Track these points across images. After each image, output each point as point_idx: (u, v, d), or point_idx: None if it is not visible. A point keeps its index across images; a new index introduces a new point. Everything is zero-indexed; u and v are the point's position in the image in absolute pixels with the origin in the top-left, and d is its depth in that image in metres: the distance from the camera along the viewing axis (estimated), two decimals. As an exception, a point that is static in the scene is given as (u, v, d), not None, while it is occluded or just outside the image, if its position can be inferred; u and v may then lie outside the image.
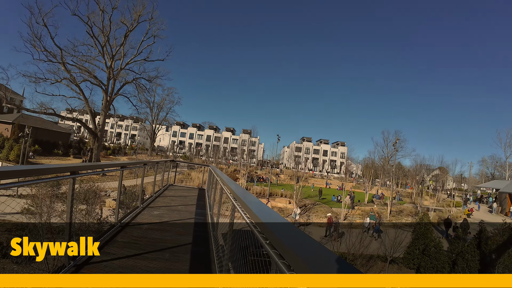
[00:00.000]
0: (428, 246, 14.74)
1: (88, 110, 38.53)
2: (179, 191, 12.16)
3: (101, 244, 4.51)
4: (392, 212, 31.60)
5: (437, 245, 14.37)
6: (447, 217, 25.02)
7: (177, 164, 16.12)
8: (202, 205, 9.38)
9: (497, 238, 15.89)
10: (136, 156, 45.51)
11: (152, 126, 57.90)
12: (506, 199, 40.18)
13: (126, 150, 57.93)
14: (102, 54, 38.07)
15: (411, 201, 44.04)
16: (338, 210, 29.43)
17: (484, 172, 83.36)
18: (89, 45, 37.70)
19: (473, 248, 14.14)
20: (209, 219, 7.09)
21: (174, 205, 8.68)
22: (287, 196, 32.53)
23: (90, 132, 39.30)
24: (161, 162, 11.69)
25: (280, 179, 51.21)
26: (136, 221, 6.09)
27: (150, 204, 8.09)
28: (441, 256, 13.89)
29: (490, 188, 60.19)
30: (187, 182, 34.76)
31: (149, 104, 53.70)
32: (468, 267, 13.92)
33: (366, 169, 79.19)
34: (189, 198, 10.56)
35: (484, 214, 38.60)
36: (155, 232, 5.46)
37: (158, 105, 57.22)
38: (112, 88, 39.59)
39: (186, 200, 9.90)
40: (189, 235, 5.62)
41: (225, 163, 53.57)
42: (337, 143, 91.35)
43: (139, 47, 40.22)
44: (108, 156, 48.86)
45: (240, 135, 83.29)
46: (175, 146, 77.23)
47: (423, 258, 14.53)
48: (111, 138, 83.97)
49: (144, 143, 76.36)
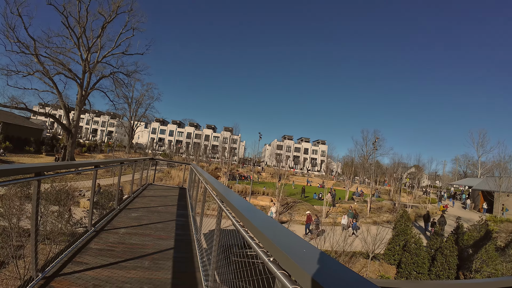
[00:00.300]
0: (408, 242, 14.98)
1: (61, 105, 36.68)
2: (159, 190, 11.60)
3: (73, 252, 4.08)
4: (371, 209, 32.15)
5: (417, 241, 14.61)
6: (426, 213, 25.69)
7: (157, 162, 15.41)
8: (184, 205, 8.96)
9: (474, 234, 16.40)
10: (113, 154, 43.89)
11: (130, 123, 56.05)
12: (479, 196, 41.97)
13: (102, 147, 55.90)
14: (77, 46, 36.35)
15: (389, 198, 45.20)
16: (319, 208, 29.64)
17: (457, 170, 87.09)
18: (64, 36, 35.91)
19: (451, 243, 14.47)
20: (192, 221, 6.72)
21: (153, 206, 8.18)
22: (269, 194, 32.42)
23: (63, 128, 37.46)
24: (140, 160, 11.11)
25: (261, 177, 51.14)
26: (112, 225, 5.61)
27: (128, 206, 7.58)
28: (421, 252, 14.13)
29: (462, 185, 62.84)
30: (167, 181, 33.92)
31: (127, 99, 52.01)
32: (447, 262, 14.24)
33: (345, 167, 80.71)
34: (169, 198, 10.05)
35: (458, 210, 40.16)
36: (134, 237, 5.04)
37: (136, 100, 55.62)
38: (88, 82, 37.96)
39: (166, 201, 9.40)
40: (170, 239, 5.23)
41: (206, 161, 52.78)
42: (317, 142, 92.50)
43: (117, 40, 38.82)
44: (83, 154, 46.98)
45: (221, 133, 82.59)
46: (155, 143, 75.40)
47: (404, 254, 14.74)
48: (86, 135, 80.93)
49: (122, 140, 74.09)
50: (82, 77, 37.33)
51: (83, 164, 4.78)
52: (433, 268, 14.35)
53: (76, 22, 35.51)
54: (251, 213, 1.82)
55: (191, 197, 9.85)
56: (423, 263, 14.02)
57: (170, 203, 9.10)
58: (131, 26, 38.84)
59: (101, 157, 45.93)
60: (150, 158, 13.48)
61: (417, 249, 14.10)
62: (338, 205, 31.64)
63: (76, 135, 39.82)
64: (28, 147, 39.51)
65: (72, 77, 36.57)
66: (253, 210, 1.93)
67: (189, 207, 8.56)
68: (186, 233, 5.75)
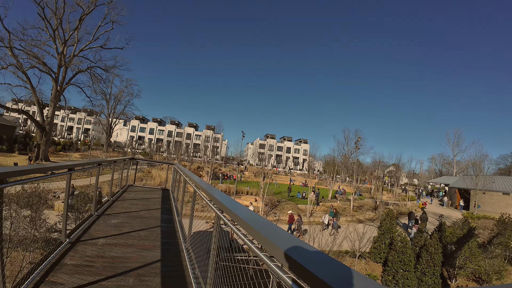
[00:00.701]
0: (395, 241, 15.03)
1: (35, 101, 34.79)
2: (140, 192, 10.90)
3: (46, 269, 3.51)
4: (354, 207, 32.44)
5: (403, 239, 14.66)
6: (410, 211, 26.15)
7: (137, 162, 14.56)
8: (168, 209, 8.39)
9: (457, 231, 16.72)
10: (90, 153, 42.10)
11: (108, 120, 53.99)
12: (456, 194, 43.43)
13: (78, 145, 53.53)
14: (53, 38, 34.55)
15: (370, 196, 45.93)
16: (304, 207, 29.57)
17: (433, 169, 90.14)
18: (40, 28, 34.23)
19: (436, 241, 14.63)
20: (178, 227, 6.21)
21: (135, 210, 7.50)
22: (253, 194, 32.04)
23: (37, 125, 35.53)
24: (119, 160, 10.42)
25: (244, 176, 50.67)
26: (90, 234, 5.02)
27: (107, 211, 6.93)
28: (407, 250, 14.18)
29: (439, 183, 64.97)
30: (148, 181, 32.80)
31: (105, 95, 50.09)
32: (432, 260, 14.38)
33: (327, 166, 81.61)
34: (152, 201, 9.41)
35: (436, 207, 41.36)
36: (114, 249, 4.48)
37: (115, 97, 53.60)
38: (63, 76, 36.23)
39: (149, 204, 8.74)
40: (156, 249, 4.71)
41: (189, 160, 51.72)
42: (300, 141, 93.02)
43: (96, 33, 37.28)
44: (58, 153, 44.82)
45: (203, 131, 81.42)
46: (134, 141, 73.17)
47: (391, 253, 14.76)
48: (61, 133, 77.48)
49: (99, 138, 71.49)
50: (58, 71, 35.59)
51: (54, 167, 4.18)
52: (419, 265, 14.46)
53: (53, 14, 33.81)
54: (263, 227, 1.55)
55: (175, 200, 9.31)
56: (409, 260, 14.08)
57: (153, 206, 8.49)
58: (111, 19, 37.42)
59: (77, 156, 43.97)
60: (130, 158, 12.68)
61: (403, 247, 14.15)
62: (322, 204, 31.70)
63: (51, 132, 37.94)
64: (0, 145, 37.20)
65: (46, 71, 34.78)
66: (261, 222, 1.70)
67: (174, 211, 8.01)
68: (173, 241, 5.24)
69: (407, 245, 14.33)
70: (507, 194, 37.88)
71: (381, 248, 16.15)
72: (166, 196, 10.76)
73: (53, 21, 34.23)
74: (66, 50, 35.99)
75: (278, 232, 1.45)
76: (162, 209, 8.22)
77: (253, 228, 1.52)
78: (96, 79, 40.79)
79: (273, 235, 1.38)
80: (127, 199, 9.03)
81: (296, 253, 1.11)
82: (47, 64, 34.63)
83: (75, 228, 5.16)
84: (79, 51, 37.17)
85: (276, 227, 1.54)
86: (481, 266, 15.16)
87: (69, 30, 35.72)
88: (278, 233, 1.42)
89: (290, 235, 1.41)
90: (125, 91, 54.04)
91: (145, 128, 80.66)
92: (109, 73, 41.57)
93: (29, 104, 59.70)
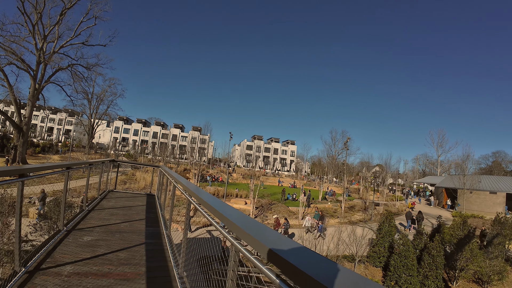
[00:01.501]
0: (396, 244, 14.31)
1: (12, 99, 32.74)
2: (122, 199, 9.65)
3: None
4: (344, 208, 31.88)
5: (405, 242, 13.94)
6: (408, 211, 25.70)
7: (119, 164, 13.21)
8: (154, 219, 7.26)
9: (457, 232, 16.22)
10: (70, 155, 40.03)
11: (90, 121, 51.60)
12: (443, 193, 43.72)
13: (58, 147, 51.00)
14: (32, 34, 32.60)
15: (359, 197, 45.65)
16: (295, 209, 28.77)
17: (417, 169, 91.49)
18: (19, 23, 32.29)
19: (437, 243, 14.03)
20: (167, 244, 5.12)
21: (114, 222, 6.39)
22: (243, 196, 30.97)
23: (14, 125, 33.42)
24: (97, 163, 9.20)
25: (232, 178, 49.54)
26: (54, 259, 3.86)
27: (80, 224, 5.76)
28: (410, 253, 13.48)
29: (423, 183, 65.73)
30: (131, 184, 31.17)
31: (87, 95, 47.82)
32: (434, 263, 13.76)
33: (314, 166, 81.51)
34: (135, 209, 8.21)
35: (424, 207, 41.47)
36: (85, 281, 3.36)
37: (98, 96, 51.34)
38: (42, 74, 34.25)
39: (131, 213, 7.62)
40: (140, 278, 3.62)
41: (175, 162, 50.11)
42: (287, 142, 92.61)
43: (77, 29, 35.32)
44: (37, 155, 42.64)
45: (189, 132, 79.62)
46: (118, 143, 70.55)
47: (392, 256, 14.01)
48: (41, 134, 74.01)
49: (81, 140, 68.62)
50: (36, 69, 33.61)
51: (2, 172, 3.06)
52: (421, 269, 13.82)
53: (33, 8, 31.92)
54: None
55: (162, 207, 8.17)
56: (412, 264, 13.39)
57: (136, 216, 7.32)
58: (94, 14, 35.63)
59: (57, 159, 41.90)
60: (110, 160, 11.29)
61: (406, 251, 13.43)
62: (313, 206, 30.94)
63: (28, 133, 35.82)
64: (-24, 148, 34.89)
65: (25, 69, 32.80)
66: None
67: (161, 222, 6.88)
68: (163, 265, 4.16)
69: (410, 249, 13.65)
70: (494, 193, 38.34)
71: (381, 252, 15.44)
72: (151, 203, 9.60)
73: (33, 16, 32.41)
74: (46, 46, 34.12)
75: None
76: (147, 219, 7.08)
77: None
78: (78, 77, 38.91)
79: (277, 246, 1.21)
80: (105, 208, 7.80)
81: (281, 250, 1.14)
82: (26, 61, 32.78)
83: (35, 250, 4.03)
84: (60, 48, 35.27)
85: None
86: (483, 267, 14.68)
87: (49, 25, 33.87)
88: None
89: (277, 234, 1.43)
90: (108, 90, 51.98)
91: (129, 129, 77.92)
92: (91, 71, 39.76)
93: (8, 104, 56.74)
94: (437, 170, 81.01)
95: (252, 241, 1.37)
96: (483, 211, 37.48)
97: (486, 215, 36.26)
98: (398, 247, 13.90)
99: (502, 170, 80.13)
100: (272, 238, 1.34)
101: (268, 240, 1.29)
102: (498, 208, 37.09)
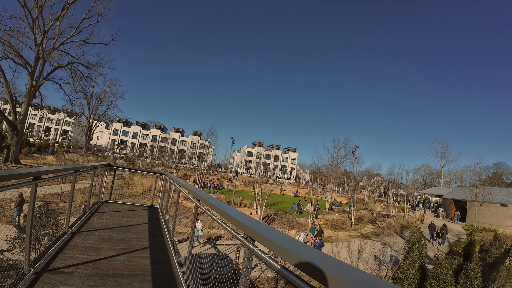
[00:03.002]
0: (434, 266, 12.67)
1: (7, 96, 31.33)
2: (118, 214, 7.76)
3: None
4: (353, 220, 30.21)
5: (443, 264, 12.29)
6: (431, 222, 24.20)
7: (116, 170, 11.04)
8: (161, 247, 5.37)
9: (493, 250, 14.68)
10: (64, 156, 38.24)
11: (89, 122, 49.82)
12: (451, 205, 42.20)
13: (55, 148, 49.08)
14: (32, 29, 31.42)
15: (365, 207, 44.04)
16: (302, 220, 27.04)
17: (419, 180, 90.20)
18: (19, 18, 31.24)
19: (475, 264, 12.45)
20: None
21: (106, 255, 4.45)
22: (247, 205, 29.24)
23: (8, 123, 31.94)
24: (88, 168, 7.13)
25: (233, 184, 47.75)
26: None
27: (56, 261, 3.89)
28: (448, 277, 11.85)
29: (429, 194, 64.20)
30: (129, 189, 29.31)
31: (86, 95, 46.23)
32: (472, 285, 12.16)
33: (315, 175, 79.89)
34: (134, 230, 6.34)
35: (432, 219, 39.96)
36: None
37: (97, 97, 49.70)
38: (41, 70, 32.92)
39: (129, 238, 5.64)
40: None
41: (174, 167, 48.32)
42: (288, 149, 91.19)
43: (79, 25, 34.05)
44: (32, 155, 40.91)
45: (189, 137, 77.89)
46: (116, 145, 68.58)
47: (428, 280, 12.36)
48: (38, 133, 72.14)
49: (79, 141, 66.63)
50: (34, 65, 32.27)
51: None
52: (457, 294, 12.23)
53: (34, 2, 30.60)
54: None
55: (170, 230, 6.23)
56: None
57: (136, 243, 5.32)
58: (97, 12, 34.52)
59: (52, 159, 40.06)
60: (105, 165, 9.10)
61: (445, 274, 11.80)
62: (320, 217, 29.22)
63: (23, 132, 34.24)
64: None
65: (22, 64, 31.53)
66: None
67: (172, 256, 4.94)
68: None
69: (448, 271, 12.02)
70: (505, 206, 36.94)
71: (410, 273, 13.78)
72: (154, 219, 7.78)
73: (34, 11, 31.21)
74: (46, 43, 32.90)
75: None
76: (153, 249, 5.19)
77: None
78: (77, 76, 37.60)
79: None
80: (96, 228, 5.95)
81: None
82: (24, 57, 31.61)
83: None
84: (60, 44, 34.00)
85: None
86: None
87: (50, 21, 32.71)
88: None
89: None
90: (108, 91, 50.44)
91: (128, 131, 75.98)
92: (91, 70, 38.49)
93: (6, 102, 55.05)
94: (440, 180, 79.70)
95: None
96: (494, 224, 36.10)
97: (498, 228, 34.90)
98: (435, 270, 12.25)
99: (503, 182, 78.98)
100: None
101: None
102: (509, 221, 35.79)
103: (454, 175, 78.57)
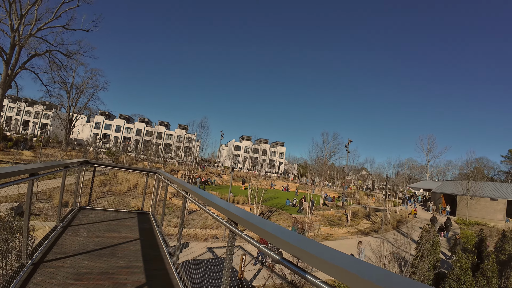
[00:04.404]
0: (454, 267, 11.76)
1: (-19, 85, 28.71)
2: (99, 227, 5.97)
3: None
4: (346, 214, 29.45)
5: (463, 265, 11.38)
6: (432, 216, 23.57)
7: (95, 168, 8.79)
8: (163, 278, 3.76)
9: (506, 247, 14.01)
10: (40, 151, 35.72)
11: (69, 114, 46.84)
12: (441, 199, 42.46)
13: (33, 142, 46.03)
14: (8, 13, 29.03)
15: (356, 202, 43.58)
16: (298, 217, 25.99)
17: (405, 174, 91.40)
18: None
19: (492, 263, 11.67)
20: None
21: None
22: (240, 202, 27.91)
23: (-20, 115, 29.37)
24: (54, 169, 5.10)
25: (222, 180, 46.40)
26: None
27: None
28: (468, 278, 10.96)
29: (415, 187, 64.82)
30: (113, 186, 27.20)
31: (65, 85, 43.34)
32: (489, 285, 11.40)
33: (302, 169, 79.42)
34: (123, 253, 4.55)
35: (424, 213, 40.10)
36: None
37: (77, 88, 46.59)
38: (17, 58, 30.51)
39: (116, 267, 3.92)
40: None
41: (160, 161, 46.36)
42: (276, 143, 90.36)
43: (58, 10, 31.56)
44: (8, 150, 38.00)
45: (175, 131, 75.61)
46: (98, 140, 65.48)
47: (447, 281, 11.45)
48: (16, 127, 68.30)
49: (59, 135, 63.23)
50: (10, 52, 29.84)
51: None
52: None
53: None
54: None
55: (171, 251, 4.75)
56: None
57: (128, 280, 3.56)
58: (77, -5, 31.96)
59: (30, 155, 37.35)
60: (81, 162, 6.96)
61: (465, 275, 10.91)
62: (316, 213, 28.25)
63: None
64: None
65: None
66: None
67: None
68: None
69: (468, 272, 11.15)
70: (495, 200, 37.33)
71: (424, 275, 12.88)
72: (146, 230, 6.20)
73: (11, -5, 28.64)
74: (23, 29, 30.27)
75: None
76: (147, 271, 3.77)
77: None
78: (56, 65, 35.08)
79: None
80: (68, 254, 4.11)
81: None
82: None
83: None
84: (37, 30, 31.52)
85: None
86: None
87: (28, 5, 30.09)
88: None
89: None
90: (89, 82, 47.40)
91: (111, 125, 72.81)
92: (71, 59, 35.90)
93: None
94: (426, 175, 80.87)
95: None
96: (484, 218, 36.46)
97: (489, 222, 35.31)
98: (455, 270, 11.35)
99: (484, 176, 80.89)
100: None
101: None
102: (499, 215, 36.26)
103: (439, 170, 79.81)
